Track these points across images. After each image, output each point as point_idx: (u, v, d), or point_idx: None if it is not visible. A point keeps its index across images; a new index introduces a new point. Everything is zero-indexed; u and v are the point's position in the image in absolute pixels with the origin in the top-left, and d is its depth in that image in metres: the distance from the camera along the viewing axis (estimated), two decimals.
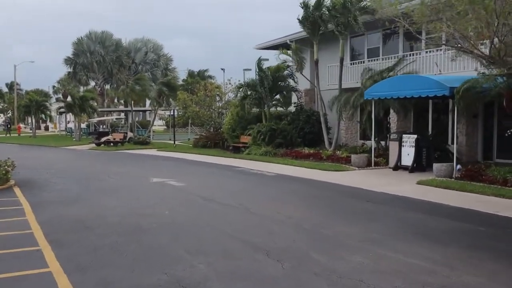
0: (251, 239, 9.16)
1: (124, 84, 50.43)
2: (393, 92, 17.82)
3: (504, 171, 14.22)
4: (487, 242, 8.57)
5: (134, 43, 66.28)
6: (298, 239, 9.07)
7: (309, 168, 19.30)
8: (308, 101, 28.63)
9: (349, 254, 7.98)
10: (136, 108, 54.24)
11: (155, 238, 9.36)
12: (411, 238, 8.88)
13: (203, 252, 8.33)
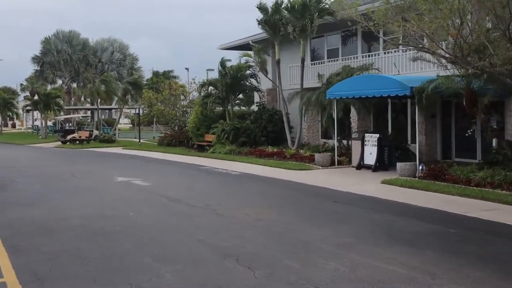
0: (220, 243, 8.29)
1: (90, 82, 48.57)
2: (355, 92, 17.20)
3: (466, 170, 13.75)
4: (461, 246, 7.94)
5: (101, 42, 64.36)
6: (268, 243, 8.25)
7: (274, 167, 18.50)
8: (270, 101, 27.86)
9: (324, 261, 7.19)
10: (102, 107, 52.41)
11: (119, 243, 8.39)
12: (384, 242, 8.17)
13: (170, 259, 7.43)
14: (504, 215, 10.05)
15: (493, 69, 10.06)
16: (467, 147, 17.85)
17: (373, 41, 22.10)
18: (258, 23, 23.38)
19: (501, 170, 13.25)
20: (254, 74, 26.83)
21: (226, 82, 25.77)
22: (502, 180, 12.65)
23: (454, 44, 10.24)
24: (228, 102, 26.66)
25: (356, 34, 22.99)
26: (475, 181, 13.03)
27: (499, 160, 14.24)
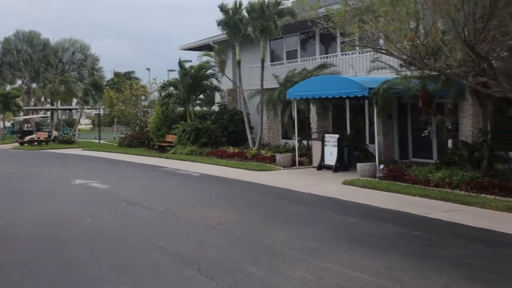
0: (181, 250, 7.70)
1: (51, 83, 46.68)
2: (315, 92, 16.86)
3: (425, 171, 13.56)
4: (426, 249, 7.60)
5: (61, 43, 61.98)
6: (231, 249, 7.70)
7: (235, 168, 17.94)
8: (231, 101, 27.29)
9: (289, 267, 6.70)
10: (62, 107, 50.53)
11: (74, 252, 7.70)
12: (349, 246, 7.76)
13: (127, 269, 6.80)
14: (464, 216, 9.83)
15: (450, 71, 9.84)
16: (424, 147, 17.81)
17: (331, 43, 21.91)
18: (218, 24, 22.77)
19: (458, 170, 13.14)
20: (215, 74, 26.21)
21: (187, 83, 25.04)
22: (460, 180, 12.51)
23: (412, 46, 9.95)
24: (189, 102, 25.93)
25: (314, 36, 22.76)
26: (433, 181, 12.86)
27: (455, 160, 14.15)
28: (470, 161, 13.43)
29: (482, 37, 8.59)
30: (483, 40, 8.70)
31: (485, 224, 9.05)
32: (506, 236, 8.24)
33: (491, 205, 10.52)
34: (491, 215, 9.85)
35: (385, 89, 14.45)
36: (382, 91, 14.48)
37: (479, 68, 9.56)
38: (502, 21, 8.56)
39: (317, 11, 14.52)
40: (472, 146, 13.72)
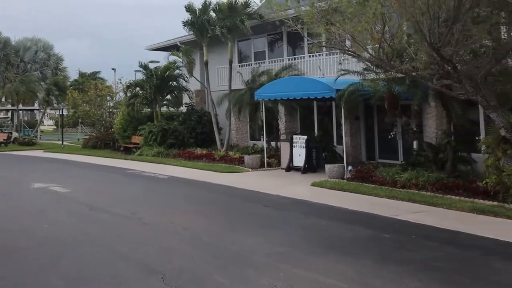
0: (145, 258, 7.33)
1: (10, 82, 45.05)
2: (283, 93, 16.68)
3: (392, 172, 13.53)
4: (397, 252, 7.47)
5: (23, 41, 59.80)
6: (197, 255, 7.38)
7: (203, 170, 17.58)
8: (199, 102, 26.88)
9: (258, 275, 6.44)
10: (23, 107, 48.86)
11: (29, 261, 7.22)
12: (320, 250, 7.56)
13: (86, 280, 6.40)
14: (432, 217, 9.79)
15: (416, 73, 9.79)
16: (390, 148, 17.87)
17: (298, 44, 21.82)
18: (184, 25, 22.34)
19: (424, 171, 13.17)
20: (182, 75, 25.76)
21: (153, 83, 24.50)
22: (426, 181, 12.52)
23: (379, 47, 9.86)
24: (156, 103, 25.38)
25: (282, 37, 22.63)
26: (400, 182, 12.83)
27: (420, 162, 14.19)
28: (435, 162, 13.49)
29: (447, 40, 8.54)
30: (448, 43, 8.66)
31: (453, 225, 9.01)
32: (473, 238, 8.21)
33: (457, 206, 10.53)
34: (457, 216, 9.84)
35: (352, 91, 14.41)
36: (349, 93, 14.43)
37: (444, 71, 9.54)
38: (465, 25, 8.54)
39: (285, 12, 14.38)
40: (436, 148, 13.79)
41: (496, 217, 9.65)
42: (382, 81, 13.58)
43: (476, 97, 9.36)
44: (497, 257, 7.12)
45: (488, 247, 7.67)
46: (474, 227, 8.86)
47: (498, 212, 9.83)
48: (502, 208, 10.16)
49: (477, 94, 9.25)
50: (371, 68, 12.97)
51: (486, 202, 10.72)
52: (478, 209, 10.16)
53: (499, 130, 9.59)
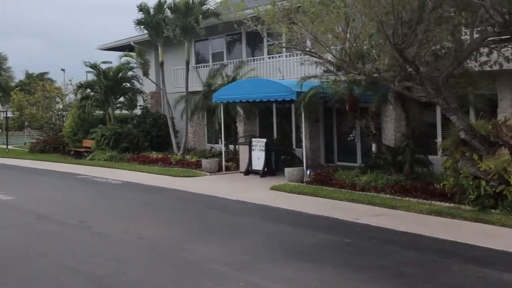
0: (96, 271, 6.99)
1: None
2: (242, 96, 16.52)
3: (351, 175, 13.61)
4: (360, 258, 7.42)
5: None
6: (153, 267, 7.11)
7: (159, 174, 17.17)
8: (154, 104, 26.38)
9: (216, 286, 6.23)
10: None
11: None
12: (282, 257, 7.43)
13: None
14: (392, 220, 9.86)
15: (378, 75, 9.86)
16: (349, 151, 18.03)
17: (258, 45, 21.74)
18: (136, 24, 21.81)
19: (383, 174, 13.32)
20: (136, 76, 25.18)
21: (106, 84, 23.81)
22: (385, 184, 12.65)
23: (342, 48, 9.85)
24: (109, 105, 24.69)
25: (241, 38, 22.48)
26: (360, 185, 12.92)
27: (379, 164, 14.36)
28: (394, 165, 13.68)
29: (410, 42, 8.61)
30: (411, 45, 8.74)
31: (413, 228, 9.10)
32: (432, 241, 8.29)
33: (415, 208, 10.67)
34: (416, 219, 9.96)
35: (312, 94, 14.42)
36: (310, 95, 14.43)
37: (406, 73, 9.63)
38: (428, 26, 8.64)
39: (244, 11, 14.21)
40: (395, 150, 13.98)
41: (454, 219, 9.82)
42: (343, 83, 13.61)
43: (437, 99, 9.49)
44: (456, 260, 7.20)
45: (447, 250, 7.76)
46: (433, 229, 8.97)
47: (455, 213, 10.01)
48: (458, 209, 10.36)
49: (438, 96, 9.38)
50: (331, 70, 12.97)
51: (443, 204, 10.92)
52: (436, 211, 10.31)
53: (459, 132, 9.76)
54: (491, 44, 9.63)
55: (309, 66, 16.77)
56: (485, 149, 9.63)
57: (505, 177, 9.45)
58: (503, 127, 9.58)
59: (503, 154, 9.38)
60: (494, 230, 8.91)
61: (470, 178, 9.94)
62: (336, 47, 11.31)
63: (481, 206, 10.05)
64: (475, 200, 10.14)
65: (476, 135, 9.62)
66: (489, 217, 9.47)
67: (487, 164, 9.53)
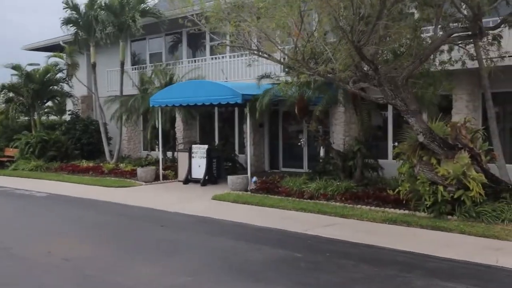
0: None
1: None
2: (182, 99, 15.67)
3: (299, 182, 13.15)
4: (313, 275, 6.85)
5: None
6: None
7: (89, 185, 16.03)
8: (86, 109, 25.00)
9: None
10: None
11: None
12: (227, 278, 6.74)
13: None
14: (344, 230, 9.43)
15: (333, 75, 9.38)
16: (295, 156, 17.66)
17: (200, 45, 21.01)
18: (64, 23, 20.49)
19: (332, 180, 12.97)
20: (66, 79, 23.73)
21: (32, 88, 22.24)
22: (335, 191, 12.28)
23: (295, 46, 9.31)
24: (34, 110, 23.10)
25: (181, 38, 21.67)
26: (308, 193, 12.47)
27: (328, 170, 14.01)
28: (344, 171, 13.35)
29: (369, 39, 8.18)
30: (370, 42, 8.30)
31: (367, 238, 8.69)
32: (389, 252, 7.89)
33: (368, 217, 10.32)
34: (370, 228, 9.58)
35: (261, 96, 13.86)
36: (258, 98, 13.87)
37: (362, 72, 9.22)
38: (388, 22, 8.24)
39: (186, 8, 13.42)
40: (345, 155, 13.67)
41: (410, 227, 9.54)
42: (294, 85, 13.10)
43: (395, 100, 9.15)
44: (419, 274, 6.78)
45: (406, 262, 7.36)
46: (389, 239, 8.60)
47: (411, 221, 9.73)
48: (414, 217, 10.10)
49: (397, 97, 9.03)
50: (289, 69, 12.28)
51: (398, 211, 10.65)
52: (390, 219, 10.00)
53: (417, 136, 9.46)
54: (457, 40, 9.38)
55: (256, 68, 16.32)
56: (444, 153, 9.38)
57: (463, 182, 9.24)
58: (462, 129, 9.39)
59: (462, 157, 9.17)
60: (453, 238, 8.65)
61: (427, 184, 9.68)
62: (288, 46, 10.79)
63: (438, 213, 9.83)
64: (431, 207, 9.90)
65: (435, 138, 9.36)
66: (447, 224, 9.24)
67: (445, 168, 9.29)
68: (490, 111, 11.47)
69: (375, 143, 15.16)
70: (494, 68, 9.97)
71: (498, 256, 7.47)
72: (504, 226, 9.08)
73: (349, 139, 15.13)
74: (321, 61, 10.20)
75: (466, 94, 13.00)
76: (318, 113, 13.14)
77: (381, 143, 15.41)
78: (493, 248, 8.00)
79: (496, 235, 8.57)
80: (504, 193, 9.69)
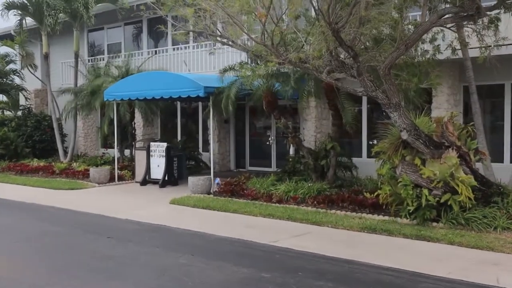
0: None
1: None
2: (139, 92, 14.06)
3: (266, 183, 11.85)
4: None
5: None
6: None
7: (36, 187, 14.35)
8: (40, 104, 23.14)
9: None
10: None
11: None
12: None
13: None
14: (318, 241, 8.20)
15: (306, 63, 8.07)
16: (262, 155, 16.39)
17: (161, 36, 19.49)
18: (5, 7, 18.59)
19: (303, 181, 11.74)
20: (18, 71, 21.81)
21: None
22: (306, 193, 11.06)
23: (262, 31, 7.97)
24: None
25: (142, 28, 20.09)
26: (277, 196, 11.20)
27: (298, 170, 12.77)
28: (315, 170, 12.14)
29: (348, 21, 6.90)
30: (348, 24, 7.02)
31: (344, 252, 7.47)
32: (372, 270, 6.67)
33: (344, 224, 9.12)
34: (347, 238, 8.38)
35: (224, 89, 12.49)
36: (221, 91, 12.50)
37: (338, 61, 7.95)
38: (370, 0, 6.97)
39: None
40: (317, 153, 12.45)
41: (390, 236, 8.38)
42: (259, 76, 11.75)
43: (375, 93, 7.92)
44: None
45: (393, 283, 6.16)
46: (369, 253, 7.41)
47: (392, 229, 8.55)
48: (395, 224, 8.95)
49: (377, 89, 7.79)
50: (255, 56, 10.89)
51: (376, 217, 9.50)
52: (369, 226, 8.81)
53: (400, 132, 8.26)
54: (449, 22, 8.15)
55: (221, 59, 14.99)
56: (429, 152, 8.22)
57: (451, 185, 8.10)
58: (448, 126, 8.23)
59: (450, 157, 8.02)
60: (442, 249, 7.50)
61: (410, 187, 8.50)
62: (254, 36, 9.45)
63: (422, 219, 8.69)
64: (414, 212, 8.76)
65: (420, 135, 8.18)
66: (433, 233, 8.08)
67: (431, 170, 8.13)
68: (475, 106, 10.44)
69: (348, 140, 14.03)
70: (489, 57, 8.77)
71: (497, 274, 6.35)
72: (497, 235, 7.99)
73: (321, 136, 13.94)
74: (292, 48, 8.92)
75: (447, 87, 11.92)
76: (288, 108, 11.88)
77: (355, 140, 14.28)
78: (489, 262, 6.87)
79: (491, 246, 7.46)
80: (495, 197, 8.59)
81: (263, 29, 7.81)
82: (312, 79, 11.62)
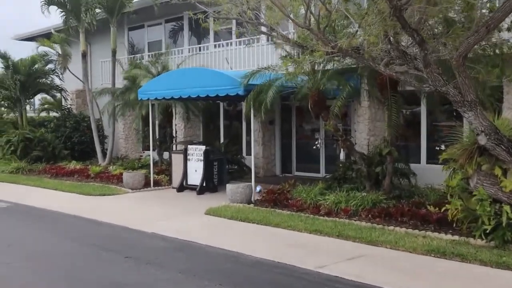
0: None
1: None
2: (175, 91, 13.01)
3: (314, 192, 10.51)
4: None
5: None
6: None
7: (67, 192, 13.59)
8: (81, 104, 22.66)
9: None
10: None
11: None
12: None
13: None
14: (375, 267, 6.84)
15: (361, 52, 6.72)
16: (310, 159, 15.05)
17: (203, 33, 18.54)
18: (45, 3, 18.03)
19: (356, 191, 10.36)
20: (56, 71, 21.45)
21: (18, 79, 19.95)
22: (359, 205, 9.67)
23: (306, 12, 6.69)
24: (21, 105, 20.85)
25: (182, 25, 19.24)
26: (325, 207, 9.87)
27: (350, 177, 11.38)
28: (369, 178, 10.71)
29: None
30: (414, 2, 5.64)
31: (409, 285, 6.08)
32: None
33: (406, 246, 7.69)
34: (410, 265, 6.98)
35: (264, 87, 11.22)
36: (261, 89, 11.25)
37: (398, 51, 6.55)
38: None
39: None
40: (370, 159, 11.02)
41: (464, 262, 6.92)
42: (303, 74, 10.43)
43: (446, 88, 6.48)
44: None
45: None
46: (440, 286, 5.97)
47: (466, 254, 7.07)
48: (468, 246, 7.45)
49: (448, 84, 6.36)
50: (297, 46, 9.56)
51: (443, 236, 8.02)
52: (437, 249, 7.36)
53: (477, 136, 6.79)
54: None
55: (263, 54, 13.89)
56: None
57: None
58: None
59: None
60: None
61: (487, 202, 7.00)
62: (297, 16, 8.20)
63: (501, 241, 7.19)
64: (491, 232, 7.24)
65: (502, 140, 6.67)
66: None
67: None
68: None
69: (404, 144, 12.54)
70: None
71: None
72: None
73: (374, 139, 12.47)
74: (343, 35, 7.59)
75: None
76: (337, 109, 10.46)
77: (412, 144, 12.77)
78: None
79: None
80: None
81: (307, 9, 6.51)
82: (365, 75, 10.19)
